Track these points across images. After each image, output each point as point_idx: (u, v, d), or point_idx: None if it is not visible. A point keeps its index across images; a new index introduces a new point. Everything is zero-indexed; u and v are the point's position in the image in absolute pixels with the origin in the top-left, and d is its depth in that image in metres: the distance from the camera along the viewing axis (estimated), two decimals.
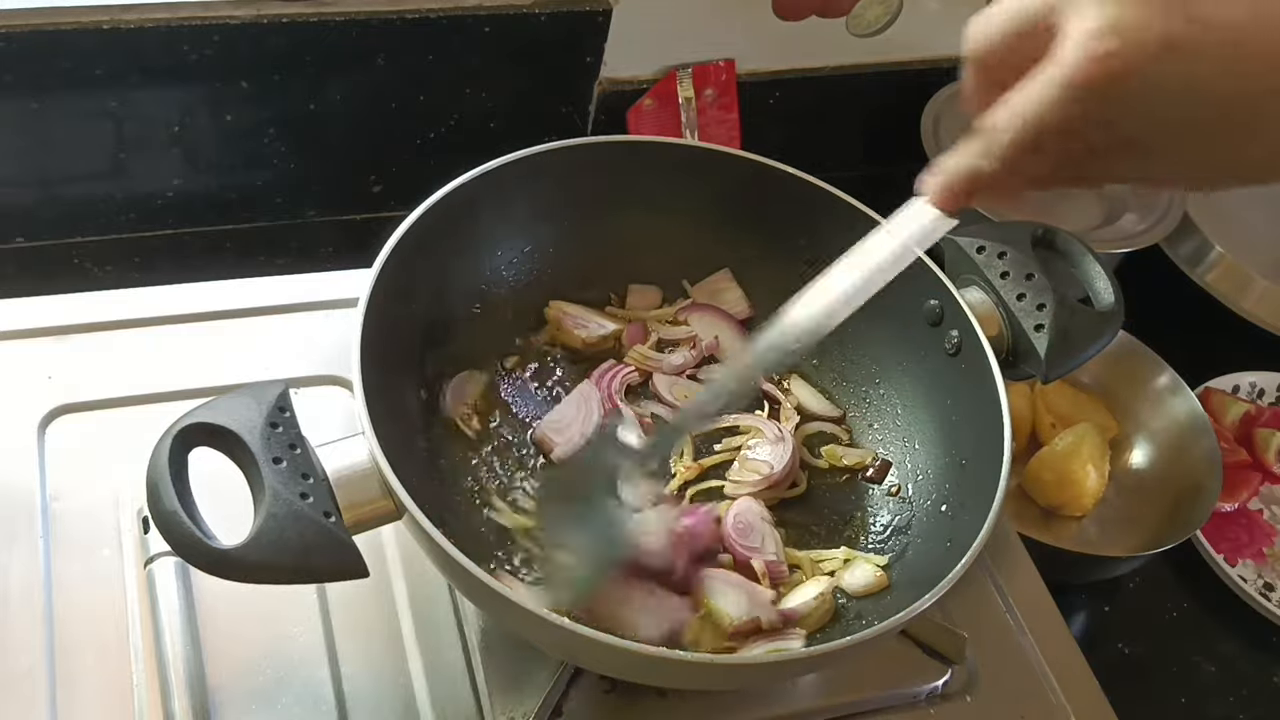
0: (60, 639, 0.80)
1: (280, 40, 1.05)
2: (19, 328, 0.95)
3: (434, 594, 0.87)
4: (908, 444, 0.95)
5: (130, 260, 1.15)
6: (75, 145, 1.07)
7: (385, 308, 0.81)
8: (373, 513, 0.73)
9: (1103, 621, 1.12)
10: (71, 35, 0.98)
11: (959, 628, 0.90)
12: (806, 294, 0.74)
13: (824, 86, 1.32)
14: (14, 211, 1.09)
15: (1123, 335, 1.18)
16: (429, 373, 0.90)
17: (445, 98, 1.15)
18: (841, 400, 1.00)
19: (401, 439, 0.78)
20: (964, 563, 0.76)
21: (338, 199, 1.20)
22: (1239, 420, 1.26)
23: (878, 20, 1.27)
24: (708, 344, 0.99)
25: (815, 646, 0.75)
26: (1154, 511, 1.16)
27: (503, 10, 1.10)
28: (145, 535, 0.84)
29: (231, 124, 1.10)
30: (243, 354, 0.97)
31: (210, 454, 0.71)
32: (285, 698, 0.81)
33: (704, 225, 1.00)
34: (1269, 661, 1.12)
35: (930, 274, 0.92)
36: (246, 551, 0.67)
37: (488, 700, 0.81)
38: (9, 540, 0.84)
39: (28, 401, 0.91)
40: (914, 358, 0.96)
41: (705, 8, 1.20)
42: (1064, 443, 1.13)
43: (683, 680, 0.79)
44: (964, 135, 0.65)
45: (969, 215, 1.22)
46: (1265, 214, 1.42)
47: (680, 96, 1.24)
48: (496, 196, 0.92)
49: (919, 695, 0.88)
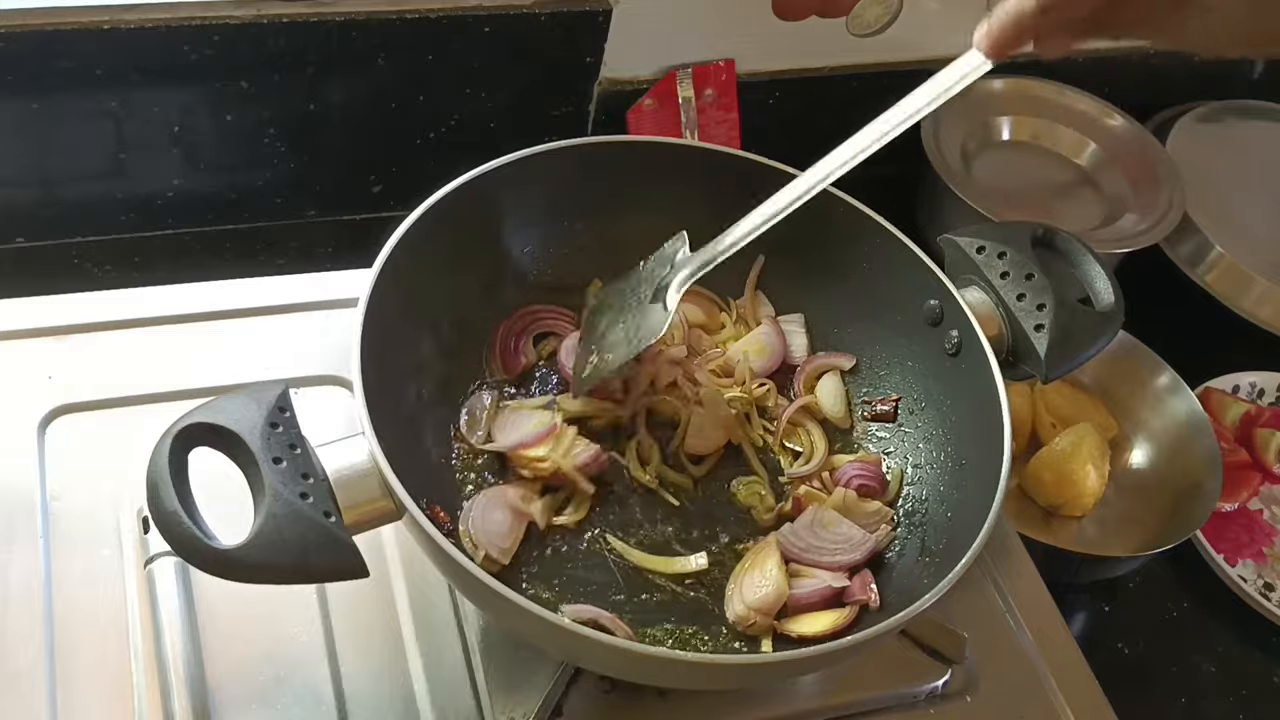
0: (60, 639, 0.80)
1: (280, 40, 1.05)
2: (19, 328, 0.95)
3: (434, 594, 0.87)
4: (907, 444, 0.95)
5: (130, 260, 1.15)
6: (75, 145, 1.07)
7: (385, 308, 0.81)
8: (373, 513, 0.73)
9: (1103, 621, 1.12)
10: (71, 35, 0.98)
11: (959, 628, 0.90)
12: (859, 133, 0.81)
13: (824, 86, 1.32)
14: (14, 211, 1.09)
15: (1123, 335, 1.18)
16: (429, 373, 0.90)
17: (445, 98, 1.15)
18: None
19: (401, 439, 0.78)
20: (964, 563, 0.76)
21: (338, 199, 1.20)
22: (1239, 420, 1.26)
23: (878, 20, 1.27)
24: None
25: (815, 647, 0.75)
26: (1154, 511, 1.16)
27: (503, 10, 1.10)
28: (145, 535, 0.84)
29: (231, 124, 1.10)
30: (243, 354, 0.97)
31: (210, 454, 0.71)
32: (285, 698, 0.81)
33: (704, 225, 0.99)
34: (1269, 661, 1.12)
35: (930, 274, 0.92)
36: (246, 551, 0.67)
37: (488, 700, 0.81)
38: (9, 540, 0.84)
39: (28, 401, 0.91)
40: (914, 358, 0.96)
41: (705, 8, 1.20)
42: (1064, 443, 1.13)
43: (683, 680, 0.79)
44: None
45: (969, 215, 1.23)
46: (1265, 214, 1.42)
47: (680, 96, 1.24)
48: (496, 197, 0.92)
49: (919, 695, 0.88)
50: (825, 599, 0.84)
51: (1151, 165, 1.38)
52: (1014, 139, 1.42)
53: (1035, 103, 1.41)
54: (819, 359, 1.00)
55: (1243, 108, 1.52)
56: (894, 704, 0.87)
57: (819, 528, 0.87)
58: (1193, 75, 1.49)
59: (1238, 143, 1.50)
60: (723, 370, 0.98)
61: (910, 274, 0.94)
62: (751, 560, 0.86)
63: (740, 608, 0.83)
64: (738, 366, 0.98)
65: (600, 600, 0.83)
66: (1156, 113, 1.49)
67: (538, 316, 0.97)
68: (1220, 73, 1.52)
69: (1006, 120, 1.41)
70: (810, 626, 0.83)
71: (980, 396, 0.87)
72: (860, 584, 0.84)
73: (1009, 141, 1.42)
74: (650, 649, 0.75)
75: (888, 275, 0.95)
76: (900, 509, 0.92)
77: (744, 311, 1.02)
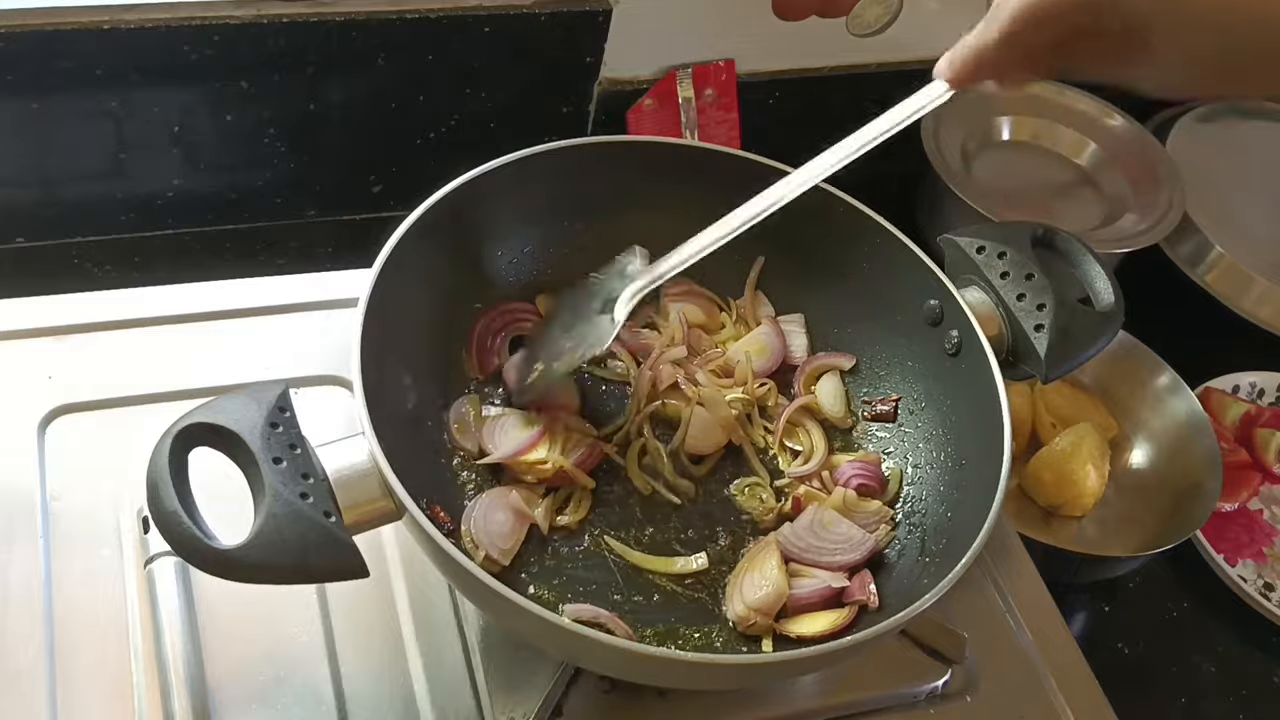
0: (60, 639, 0.80)
1: (280, 40, 1.05)
2: (19, 328, 0.95)
3: (434, 594, 0.87)
4: (907, 444, 0.95)
5: (130, 260, 1.15)
6: (75, 145, 1.07)
7: (385, 308, 0.81)
8: (373, 513, 0.73)
9: (1103, 621, 1.12)
10: (71, 35, 0.98)
11: (959, 628, 0.90)
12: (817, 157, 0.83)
13: (824, 86, 1.32)
14: (14, 211, 1.09)
15: (1123, 335, 1.18)
16: (429, 373, 0.90)
17: (445, 98, 1.15)
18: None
19: (401, 439, 0.78)
20: (964, 563, 0.76)
21: (338, 199, 1.20)
22: (1239, 420, 1.26)
23: (878, 20, 1.27)
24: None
25: (815, 647, 0.75)
26: (1154, 511, 1.16)
27: (503, 10, 1.10)
28: (145, 535, 0.84)
29: (231, 124, 1.10)
30: (243, 354, 0.97)
31: (210, 454, 0.71)
32: (285, 698, 0.81)
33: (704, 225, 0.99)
34: (1269, 661, 1.12)
35: (930, 274, 0.92)
36: (246, 551, 0.67)
37: (488, 700, 0.81)
38: (9, 540, 0.84)
39: (28, 401, 0.91)
40: (914, 358, 0.96)
41: (705, 8, 1.20)
42: (1064, 443, 1.13)
43: (683, 680, 0.79)
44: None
45: (969, 215, 1.23)
46: (1265, 214, 1.42)
47: (680, 96, 1.24)
48: (496, 196, 0.92)
49: (919, 695, 0.88)
50: (825, 599, 0.84)
51: (1151, 165, 1.38)
52: (1014, 139, 1.42)
53: (1035, 103, 1.42)
54: (819, 359, 1.00)
55: (1242, 108, 1.52)
56: (894, 704, 0.87)
57: (819, 528, 0.87)
58: None
59: (1238, 143, 1.50)
60: (722, 370, 0.98)
61: (910, 274, 0.94)
62: (751, 560, 0.86)
63: (740, 608, 0.83)
64: (738, 367, 0.98)
65: (600, 600, 0.83)
66: (1156, 113, 1.49)
67: (516, 317, 0.96)
68: None
69: (1006, 120, 1.41)
70: (809, 627, 0.82)
71: (980, 396, 0.87)
72: (859, 584, 0.84)
73: (1009, 141, 1.42)
74: (650, 649, 0.75)
75: (888, 275, 0.95)
76: (900, 509, 0.92)
77: (744, 312, 1.02)
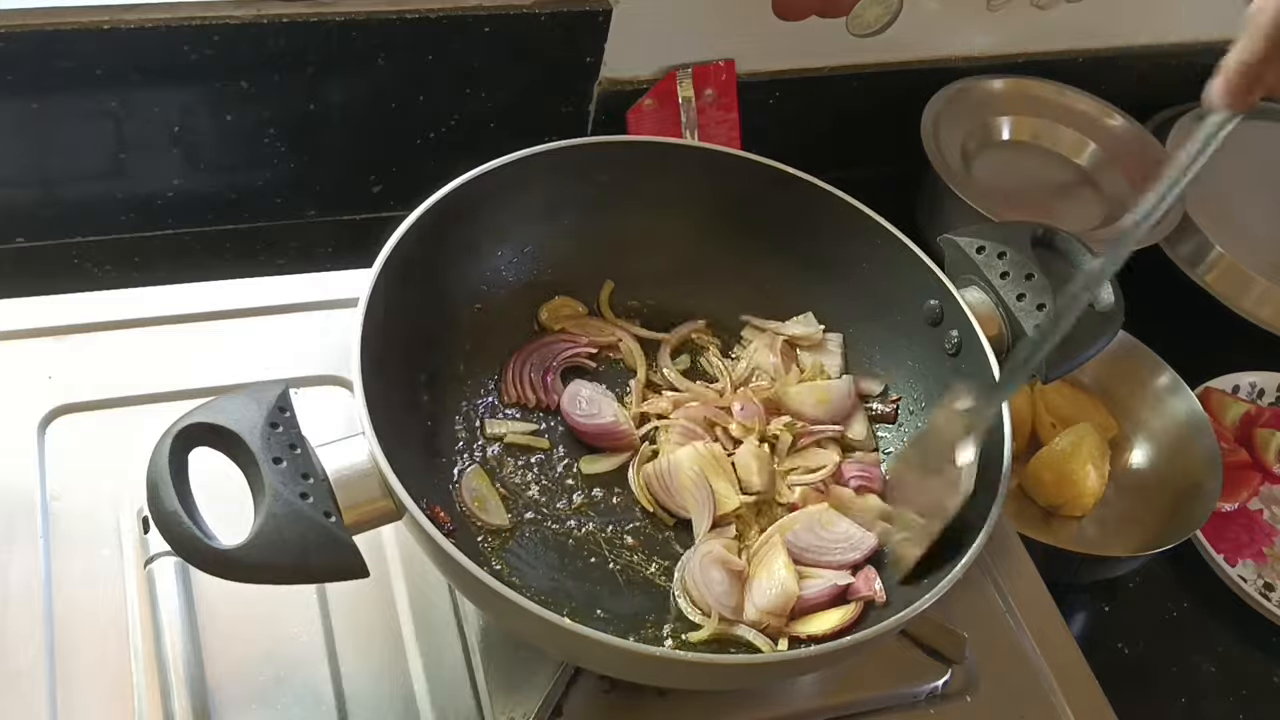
0: (60, 639, 0.80)
1: (280, 40, 1.05)
2: (19, 328, 0.95)
3: (434, 594, 0.87)
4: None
5: (130, 260, 1.15)
6: (75, 145, 1.07)
7: (385, 308, 0.81)
8: (373, 513, 0.73)
9: (1103, 621, 1.12)
10: (71, 35, 0.98)
11: (959, 628, 0.90)
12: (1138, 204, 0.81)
13: (824, 86, 1.32)
14: (14, 211, 1.09)
15: (1123, 335, 1.18)
16: (429, 372, 0.90)
17: (445, 98, 1.15)
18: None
19: (401, 439, 0.78)
20: (964, 563, 0.76)
21: (338, 199, 1.20)
22: (1239, 420, 1.26)
23: (878, 20, 1.27)
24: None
25: (815, 646, 0.75)
26: (1154, 511, 1.16)
27: (503, 10, 1.10)
28: (145, 535, 0.84)
29: (231, 124, 1.10)
30: (243, 354, 0.97)
31: (210, 454, 0.71)
32: (285, 698, 0.81)
33: (703, 225, 1.00)
34: (1269, 661, 1.12)
35: (930, 274, 0.92)
36: (246, 551, 0.67)
37: (488, 700, 0.81)
38: (9, 540, 0.84)
39: (28, 401, 0.91)
40: (914, 358, 0.96)
41: (705, 8, 1.20)
42: (1064, 443, 1.13)
43: (683, 680, 0.79)
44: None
45: (969, 215, 1.23)
46: (1265, 214, 1.42)
47: (680, 96, 1.24)
48: (496, 196, 0.92)
49: (919, 695, 0.88)
50: (831, 597, 0.84)
51: (1151, 165, 1.38)
52: (1014, 139, 1.42)
53: (1035, 103, 1.42)
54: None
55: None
56: (894, 704, 0.87)
57: (820, 528, 0.87)
58: (1193, 75, 1.49)
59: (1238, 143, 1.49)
60: (769, 407, 0.95)
61: (910, 274, 0.94)
62: (757, 563, 0.86)
63: (752, 611, 0.83)
64: (790, 411, 0.95)
65: (595, 602, 0.83)
66: (1156, 113, 1.49)
67: (554, 350, 0.96)
68: None
69: (1006, 120, 1.41)
70: (817, 625, 0.82)
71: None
72: (864, 580, 0.84)
73: (1009, 141, 1.42)
74: (650, 649, 0.75)
75: (888, 275, 0.95)
76: None
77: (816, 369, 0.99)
